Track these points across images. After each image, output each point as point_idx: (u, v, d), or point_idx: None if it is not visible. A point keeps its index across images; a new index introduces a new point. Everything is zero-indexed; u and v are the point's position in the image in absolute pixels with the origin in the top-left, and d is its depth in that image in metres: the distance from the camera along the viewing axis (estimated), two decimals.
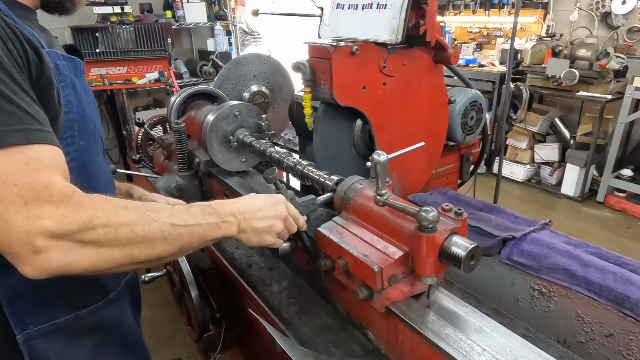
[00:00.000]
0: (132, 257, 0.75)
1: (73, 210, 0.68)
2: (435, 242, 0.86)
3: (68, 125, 0.86)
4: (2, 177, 0.64)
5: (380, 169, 0.92)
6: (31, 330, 0.85)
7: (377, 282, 0.90)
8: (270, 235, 0.97)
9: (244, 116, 1.71)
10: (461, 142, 2.02)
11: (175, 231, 0.79)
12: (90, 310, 0.93)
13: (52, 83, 0.79)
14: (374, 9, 1.44)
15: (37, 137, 0.69)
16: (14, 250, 0.66)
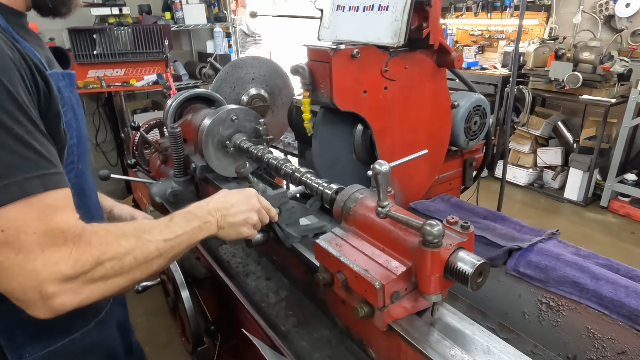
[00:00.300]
0: (134, 279, 0.80)
1: (84, 250, 0.71)
2: (441, 257, 0.81)
3: (69, 151, 0.85)
4: (22, 228, 0.65)
5: (382, 179, 0.87)
6: (27, 359, 0.85)
7: (378, 299, 0.85)
8: (246, 228, 1.04)
9: (241, 121, 1.66)
10: (464, 147, 1.97)
11: (168, 245, 0.85)
12: (84, 333, 0.94)
13: (59, 114, 0.78)
14: (375, 11, 1.39)
15: (53, 182, 0.70)
16: (28, 297, 0.67)
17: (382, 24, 1.37)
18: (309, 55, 1.44)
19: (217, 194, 1.05)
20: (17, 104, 0.66)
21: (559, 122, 4.90)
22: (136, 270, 0.79)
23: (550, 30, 5.03)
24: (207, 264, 1.61)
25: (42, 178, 0.68)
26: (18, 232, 0.65)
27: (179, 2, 3.75)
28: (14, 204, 0.65)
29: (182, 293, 1.35)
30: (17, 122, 0.65)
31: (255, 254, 1.67)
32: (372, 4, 1.40)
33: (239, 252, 1.72)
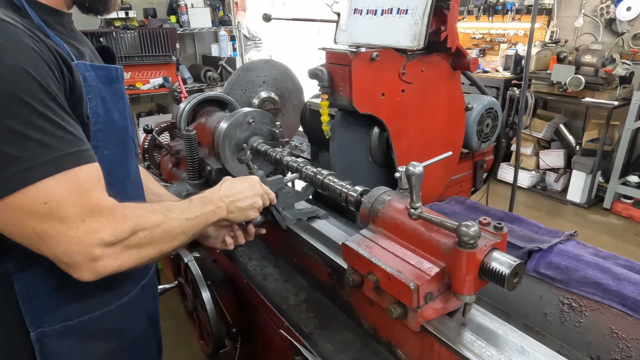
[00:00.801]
0: (162, 251, 0.91)
1: (121, 221, 0.81)
2: (476, 258, 0.82)
3: (93, 136, 0.89)
4: (62, 200, 0.73)
5: (415, 181, 0.87)
6: (45, 329, 0.89)
7: (413, 300, 0.85)
8: (252, 211, 1.18)
9: (257, 123, 1.67)
10: (476, 149, 1.98)
11: (189, 224, 0.97)
12: (103, 313, 0.97)
13: (82, 98, 0.84)
14: (394, 14, 1.40)
15: (85, 158, 0.78)
16: (75, 261, 0.76)
17: (401, 27, 1.38)
18: (327, 58, 1.45)
19: (224, 182, 1.18)
20: (46, 91, 0.73)
21: (561, 124, 4.93)
22: (163, 243, 0.90)
23: (551, 33, 5.07)
24: (225, 267, 1.61)
25: (75, 154, 0.76)
26: (59, 204, 0.73)
27: (185, 6, 3.75)
28: (52, 178, 0.72)
29: (204, 295, 1.36)
30: (48, 107, 0.73)
31: (271, 257, 1.67)
32: (390, 7, 1.41)
33: (255, 254, 1.71)
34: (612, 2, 4.52)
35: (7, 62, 0.70)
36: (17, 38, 0.73)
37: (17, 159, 0.70)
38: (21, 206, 0.71)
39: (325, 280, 1.26)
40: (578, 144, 4.69)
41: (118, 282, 0.99)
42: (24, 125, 0.71)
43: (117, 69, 0.96)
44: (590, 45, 4.42)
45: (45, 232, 0.73)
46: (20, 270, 0.85)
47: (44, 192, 0.72)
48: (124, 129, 0.98)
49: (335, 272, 1.19)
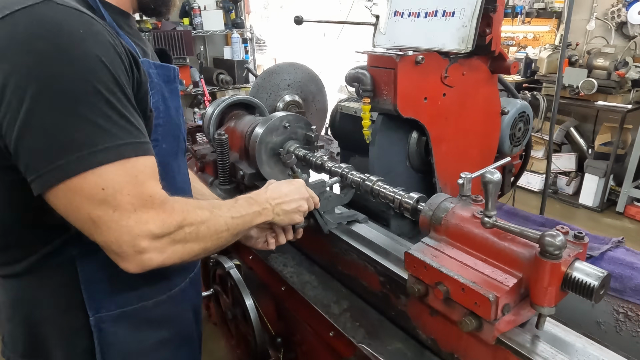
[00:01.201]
0: (206, 248, 0.90)
1: (169, 215, 0.81)
2: (560, 269, 0.79)
3: (154, 130, 0.92)
4: (118, 188, 0.75)
5: (493, 188, 0.85)
6: (102, 314, 0.92)
7: (491, 312, 0.82)
8: (298, 215, 1.16)
9: (293, 127, 1.64)
10: (508, 153, 1.95)
11: (234, 222, 0.97)
12: (156, 302, 1.00)
13: (147, 92, 0.87)
14: (439, 17, 1.38)
15: (143, 150, 0.80)
16: (123, 250, 0.76)
17: (447, 29, 1.35)
18: (370, 61, 1.42)
19: (270, 185, 1.17)
20: (117, 82, 0.76)
21: (572, 127, 4.92)
22: (208, 240, 0.89)
23: (561, 36, 5.06)
24: (262, 274, 1.57)
25: (134, 145, 0.77)
26: (115, 191, 0.74)
27: (198, 8, 3.72)
28: (111, 165, 0.74)
29: (247, 302, 1.32)
30: (116, 97, 0.76)
31: (306, 262, 1.64)
32: (435, 9, 1.39)
33: (289, 260, 1.68)
34: (623, 5, 4.52)
35: (86, 50, 0.73)
36: (96, 30, 0.76)
37: (82, 143, 0.72)
38: (80, 190, 0.73)
39: (377, 288, 1.23)
40: (590, 147, 4.68)
41: (170, 273, 1.02)
42: (92, 111, 0.73)
43: (174, 68, 1.00)
44: (602, 49, 4.42)
45: (99, 218, 0.74)
46: (85, 255, 0.88)
47: (102, 178, 0.73)
48: (178, 125, 1.02)
49: (390, 281, 1.16)
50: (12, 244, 0.87)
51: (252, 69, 2.25)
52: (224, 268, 1.40)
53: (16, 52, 0.70)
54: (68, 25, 0.73)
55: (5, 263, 0.90)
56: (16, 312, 0.94)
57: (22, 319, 0.93)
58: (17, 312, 0.93)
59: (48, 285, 0.89)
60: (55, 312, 0.91)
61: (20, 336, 0.94)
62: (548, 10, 5.09)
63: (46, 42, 0.71)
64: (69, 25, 0.73)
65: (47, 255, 0.87)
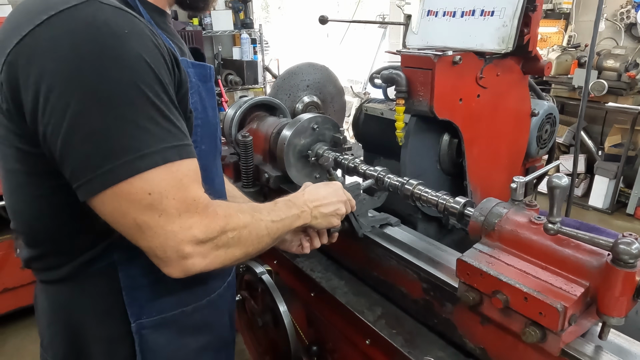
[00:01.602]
0: (247, 253, 0.88)
1: (213, 219, 0.79)
2: (635, 278, 0.76)
3: (193, 131, 0.89)
4: (164, 193, 0.73)
5: (560, 194, 0.81)
6: (144, 321, 0.90)
7: (559, 323, 0.79)
8: (336, 218, 1.13)
9: (321, 129, 1.60)
10: (535, 156, 1.93)
11: (274, 226, 0.94)
12: (195, 307, 0.98)
13: (187, 92, 0.84)
14: (477, 16, 1.35)
15: (187, 152, 0.77)
16: (167, 256, 0.75)
17: (486, 29, 1.32)
18: (405, 62, 1.39)
19: (308, 187, 1.14)
20: (161, 83, 0.74)
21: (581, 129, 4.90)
22: (249, 245, 0.87)
23: (569, 38, 5.05)
24: (290, 280, 1.54)
25: (178, 148, 0.75)
26: (161, 196, 0.72)
27: None
28: (157, 169, 0.72)
29: (281, 309, 1.29)
30: (160, 98, 0.73)
31: (333, 267, 1.60)
32: (472, 9, 1.36)
33: (316, 265, 1.64)
34: (632, 6, 4.51)
35: (131, 51, 0.71)
36: (140, 30, 0.74)
37: (128, 148, 0.70)
38: (127, 195, 0.71)
39: (418, 295, 1.19)
40: (600, 149, 4.66)
41: (208, 277, 1.00)
42: (137, 114, 0.71)
43: (210, 67, 0.97)
44: (612, 50, 4.40)
45: (145, 223, 0.73)
46: (126, 261, 0.86)
47: (149, 182, 0.72)
48: (215, 126, 0.99)
49: (434, 287, 1.12)
50: (54, 250, 0.85)
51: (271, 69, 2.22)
52: (253, 274, 1.36)
53: (61, 55, 0.68)
54: (113, 25, 0.70)
55: (47, 268, 0.88)
56: (56, 318, 0.92)
57: (62, 324, 0.91)
58: (57, 317, 0.92)
59: (89, 291, 0.87)
60: (96, 318, 0.89)
61: (60, 342, 0.92)
62: (556, 12, 5.07)
63: (92, 44, 0.68)
64: (114, 25, 0.70)
65: (89, 261, 0.85)
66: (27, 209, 0.83)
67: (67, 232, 0.83)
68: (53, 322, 0.92)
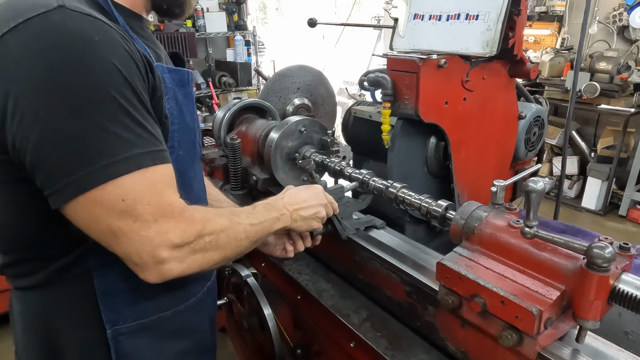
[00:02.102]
0: (226, 256, 0.89)
1: (189, 224, 0.79)
2: (608, 282, 0.76)
3: (170, 136, 0.89)
4: (139, 198, 0.73)
5: (536, 198, 0.82)
6: (121, 327, 0.89)
7: (534, 326, 0.79)
8: (316, 221, 1.15)
9: (308, 132, 1.61)
10: (523, 158, 1.94)
11: (253, 229, 0.95)
12: (174, 312, 0.97)
13: (162, 97, 0.84)
14: (462, 20, 1.35)
15: (161, 158, 0.78)
16: (143, 261, 0.75)
17: (471, 33, 1.33)
18: (391, 65, 1.39)
19: (288, 190, 1.16)
20: (133, 89, 0.74)
21: (573, 131, 4.93)
22: (228, 248, 0.88)
23: (562, 40, 5.07)
24: (277, 282, 1.54)
25: (153, 154, 0.76)
26: (135, 201, 0.73)
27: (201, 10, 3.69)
28: (131, 175, 0.72)
29: (265, 312, 1.29)
30: (132, 105, 0.73)
31: (321, 270, 1.60)
32: (458, 12, 1.36)
33: (304, 268, 1.64)
34: (624, 9, 4.53)
35: (102, 58, 0.71)
36: (111, 36, 0.74)
37: (100, 154, 0.70)
38: (100, 202, 0.71)
39: (402, 298, 1.20)
40: (593, 150, 4.68)
41: (188, 282, 1.00)
42: (109, 120, 0.71)
43: (188, 72, 0.97)
44: (604, 52, 4.42)
45: (119, 229, 0.73)
46: (101, 267, 0.85)
47: (123, 188, 0.72)
48: (193, 130, 0.99)
49: (417, 291, 1.13)
50: (28, 257, 0.85)
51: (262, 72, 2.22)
52: (239, 276, 1.36)
53: (30, 63, 0.68)
54: (82, 32, 0.70)
55: (21, 275, 0.87)
56: (31, 324, 0.91)
57: (37, 331, 0.91)
58: (32, 324, 0.91)
59: (64, 297, 0.87)
60: (71, 324, 0.89)
61: (34, 349, 0.92)
62: (549, 14, 5.09)
63: (61, 51, 0.68)
64: (83, 32, 0.70)
65: (63, 268, 0.84)
66: (0, 216, 0.83)
67: (40, 239, 0.83)
68: (27, 329, 0.92)
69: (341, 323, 1.29)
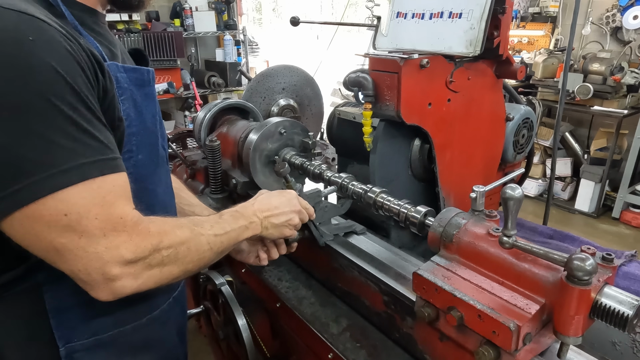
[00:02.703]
0: (187, 270, 0.84)
1: (144, 237, 0.74)
2: (590, 296, 0.72)
3: (127, 140, 0.84)
4: (83, 213, 0.68)
5: (514, 205, 0.77)
6: (75, 344, 0.84)
7: (512, 343, 0.74)
8: (288, 229, 1.10)
9: (289, 134, 1.56)
10: (511, 161, 1.89)
11: (218, 240, 0.90)
12: (135, 327, 0.92)
13: (114, 99, 0.79)
14: (445, 18, 1.31)
15: (110, 167, 0.72)
16: (92, 279, 0.70)
17: (454, 32, 1.28)
18: (372, 65, 1.34)
19: (260, 196, 1.11)
20: (76, 93, 0.68)
21: (567, 132, 4.90)
22: (189, 261, 0.83)
23: (556, 41, 5.05)
24: (255, 289, 1.48)
25: (100, 163, 0.70)
26: (80, 216, 0.67)
27: (189, 9, 3.63)
28: (74, 187, 0.67)
29: (239, 322, 1.23)
30: (76, 111, 0.68)
31: (302, 277, 1.55)
32: (441, 11, 1.31)
33: (285, 274, 1.59)
34: (618, 10, 4.51)
35: (38, 60, 0.65)
36: (50, 36, 0.68)
37: (39, 165, 0.65)
38: (40, 217, 0.66)
39: (380, 308, 1.15)
40: (586, 152, 4.65)
41: (150, 294, 0.93)
42: (47, 128, 0.65)
43: (148, 71, 0.93)
44: (597, 54, 4.39)
45: (63, 246, 0.68)
46: (52, 282, 0.80)
47: (64, 202, 0.67)
48: (155, 133, 0.94)
49: (395, 301, 1.08)
50: None
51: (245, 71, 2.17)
52: (214, 284, 1.31)
53: None
54: (16, 32, 0.64)
55: None
56: None
57: None
58: None
59: (11, 314, 0.81)
60: (21, 342, 0.83)
61: None
62: (543, 15, 5.07)
63: None
64: (17, 31, 0.64)
65: (9, 283, 0.79)
66: None
67: None
68: None
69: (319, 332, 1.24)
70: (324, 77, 4.86)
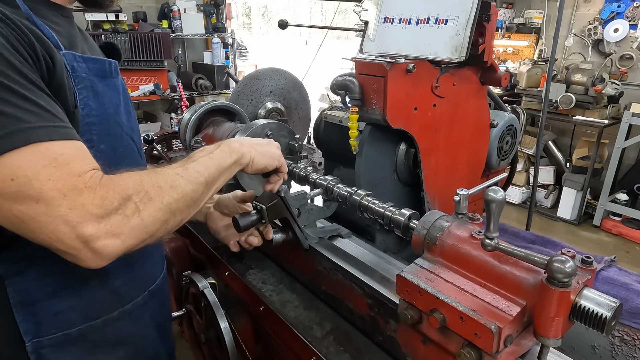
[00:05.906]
0: (170, 208, 0.78)
1: (108, 188, 0.70)
2: (569, 298, 0.72)
3: (86, 129, 0.82)
4: (32, 175, 0.64)
5: (496, 208, 0.78)
6: (42, 339, 0.82)
7: (493, 345, 0.75)
8: (275, 160, 1.09)
9: (275, 136, 1.55)
10: (496, 167, 1.91)
11: (190, 169, 0.85)
12: (105, 320, 0.90)
13: (64, 85, 0.77)
14: (431, 24, 1.32)
15: (60, 134, 0.69)
16: (70, 246, 0.66)
17: (440, 38, 1.30)
18: (359, 68, 1.35)
19: None
20: (11, 65, 0.66)
21: (550, 141, 4.99)
22: (169, 200, 0.77)
23: (540, 52, 5.15)
24: (239, 292, 1.47)
25: (47, 129, 0.67)
26: (29, 179, 0.64)
27: (178, 11, 3.61)
28: (17, 151, 0.64)
29: (221, 326, 1.22)
30: (11, 79, 0.66)
31: (287, 280, 1.54)
32: (427, 16, 1.33)
33: (269, 277, 1.58)
34: (599, 23, 4.63)
35: None
36: None
37: None
38: None
39: (364, 311, 1.14)
40: (568, 161, 4.74)
41: (121, 286, 0.93)
42: None
43: (110, 62, 0.90)
44: (579, 65, 4.50)
45: (23, 213, 0.64)
46: (14, 274, 0.78)
47: (7, 167, 0.63)
48: (119, 123, 0.92)
49: (378, 304, 1.07)
50: None
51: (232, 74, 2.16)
52: (197, 287, 1.29)
53: None
54: None
55: None
56: None
57: None
58: None
59: None
60: None
61: None
62: (527, 26, 5.18)
63: None
64: None
65: None
66: None
67: None
68: None
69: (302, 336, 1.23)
70: (313, 83, 4.88)
